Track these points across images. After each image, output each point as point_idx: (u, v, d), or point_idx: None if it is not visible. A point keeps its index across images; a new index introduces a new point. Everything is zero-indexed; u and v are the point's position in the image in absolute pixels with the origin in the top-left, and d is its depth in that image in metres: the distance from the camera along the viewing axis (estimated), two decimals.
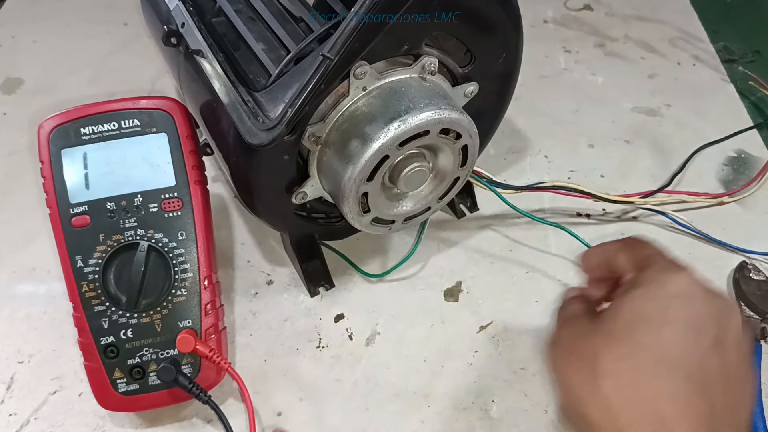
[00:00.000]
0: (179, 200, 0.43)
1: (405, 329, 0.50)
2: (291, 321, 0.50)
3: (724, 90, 0.73)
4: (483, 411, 0.45)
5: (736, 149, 0.65)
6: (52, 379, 0.46)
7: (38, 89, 0.70)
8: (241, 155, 0.41)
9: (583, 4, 0.85)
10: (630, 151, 0.65)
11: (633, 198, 0.56)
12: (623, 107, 0.70)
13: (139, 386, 0.42)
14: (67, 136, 0.42)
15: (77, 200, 0.42)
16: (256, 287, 0.52)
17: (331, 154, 0.41)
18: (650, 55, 0.77)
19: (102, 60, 0.74)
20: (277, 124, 0.36)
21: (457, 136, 0.42)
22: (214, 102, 0.41)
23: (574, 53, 0.77)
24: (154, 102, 0.43)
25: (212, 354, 0.42)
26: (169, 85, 0.69)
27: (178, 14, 0.46)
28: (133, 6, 0.78)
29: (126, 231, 0.42)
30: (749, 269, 0.52)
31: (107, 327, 0.41)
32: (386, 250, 0.55)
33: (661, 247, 0.34)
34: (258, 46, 0.43)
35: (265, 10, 0.44)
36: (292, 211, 0.46)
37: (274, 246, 0.55)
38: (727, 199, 0.59)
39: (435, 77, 0.42)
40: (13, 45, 0.76)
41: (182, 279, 0.42)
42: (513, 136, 0.66)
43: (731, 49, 0.78)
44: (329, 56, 0.36)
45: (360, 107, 0.40)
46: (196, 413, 0.44)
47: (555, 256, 0.55)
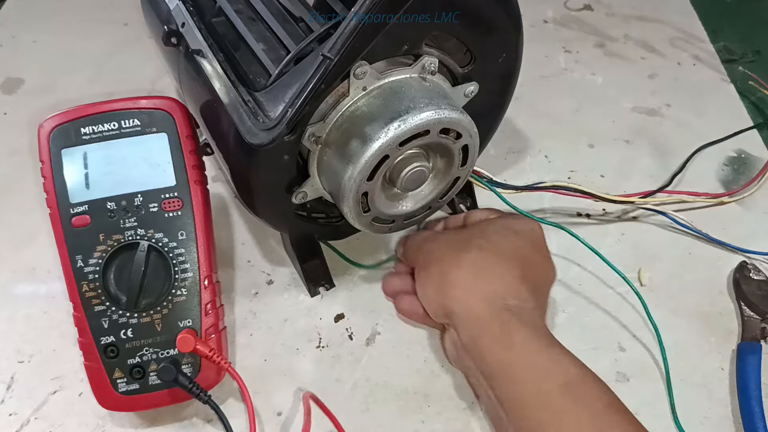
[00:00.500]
0: (179, 200, 0.43)
1: (405, 329, 0.50)
2: (291, 321, 0.50)
3: (724, 90, 0.73)
4: (483, 411, 0.45)
5: (736, 149, 0.65)
6: (52, 378, 0.46)
7: (38, 89, 0.70)
8: (241, 155, 0.41)
9: (583, 4, 0.85)
10: (630, 151, 0.65)
11: (633, 198, 0.56)
12: (623, 107, 0.70)
13: (140, 386, 0.42)
14: (67, 135, 0.42)
15: (77, 200, 0.42)
16: (256, 287, 0.52)
17: (332, 153, 0.41)
18: (650, 55, 0.77)
19: (102, 60, 0.74)
20: (277, 124, 0.36)
21: (457, 136, 0.42)
22: (215, 102, 0.41)
23: (574, 53, 0.77)
24: (154, 102, 0.43)
25: (212, 354, 0.42)
26: (169, 85, 0.69)
27: (178, 14, 0.46)
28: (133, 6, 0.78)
29: (126, 231, 0.42)
30: (749, 269, 0.52)
31: (107, 327, 0.41)
32: (387, 250, 0.55)
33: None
34: (258, 46, 0.43)
35: (265, 10, 0.44)
36: (292, 211, 0.46)
37: (274, 246, 0.55)
38: (727, 199, 0.59)
39: (435, 77, 0.42)
40: (13, 45, 0.76)
41: (182, 279, 0.42)
42: (513, 136, 0.66)
43: (731, 49, 0.78)
44: (329, 56, 0.36)
45: (360, 107, 0.40)
46: (196, 413, 0.44)
47: (555, 256, 0.54)
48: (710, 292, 0.53)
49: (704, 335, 0.50)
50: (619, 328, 0.50)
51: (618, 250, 0.55)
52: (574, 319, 0.51)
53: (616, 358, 0.48)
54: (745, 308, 0.50)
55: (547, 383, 0.37)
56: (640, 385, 0.47)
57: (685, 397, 0.46)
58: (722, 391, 0.47)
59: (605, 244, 0.56)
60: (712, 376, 0.48)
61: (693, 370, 0.48)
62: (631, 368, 0.48)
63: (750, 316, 0.50)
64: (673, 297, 0.52)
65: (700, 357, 0.49)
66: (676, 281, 0.53)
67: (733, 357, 0.48)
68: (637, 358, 0.48)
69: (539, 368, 0.38)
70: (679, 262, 0.55)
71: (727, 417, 0.45)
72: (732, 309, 0.52)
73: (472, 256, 0.42)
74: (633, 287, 0.49)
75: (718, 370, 0.48)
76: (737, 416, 0.45)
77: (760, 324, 0.49)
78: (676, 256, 0.55)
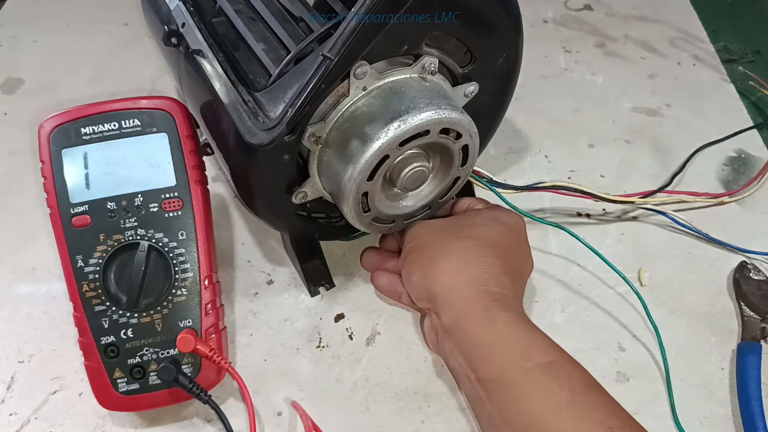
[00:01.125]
0: (179, 200, 0.43)
1: (405, 329, 0.50)
2: (291, 321, 0.50)
3: (724, 90, 0.73)
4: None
5: (736, 149, 0.65)
6: (53, 378, 0.46)
7: (38, 89, 0.70)
8: (241, 155, 0.41)
9: (583, 4, 0.85)
10: (630, 151, 0.65)
11: (633, 198, 0.56)
12: (623, 107, 0.70)
13: (140, 386, 0.42)
14: (67, 136, 0.42)
15: (78, 200, 0.42)
16: (257, 287, 0.52)
17: (332, 153, 0.41)
18: (650, 55, 0.77)
19: (102, 60, 0.74)
20: (277, 124, 0.36)
21: (457, 136, 0.42)
22: (215, 102, 0.41)
23: (574, 53, 0.77)
24: (154, 102, 0.43)
25: (212, 354, 0.42)
26: (169, 85, 0.69)
27: (178, 14, 0.46)
28: (133, 6, 0.78)
29: (126, 231, 0.42)
30: (749, 269, 0.52)
31: (107, 327, 0.41)
32: None
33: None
34: (258, 46, 0.43)
35: (265, 10, 0.44)
36: (292, 211, 0.46)
37: (274, 246, 0.55)
38: (727, 199, 0.59)
39: (435, 77, 0.42)
40: (13, 45, 0.76)
41: (182, 279, 0.42)
42: (513, 136, 0.66)
43: (731, 49, 0.78)
44: (329, 56, 0.36)
45: (360, 107, 0.40)
46: (196, 413, 0.45)
47: (555, 256, 0.55)
48: (710, 292, 0.53)
49: (704, 335, 0.50)
50: (619, 328, 0.50)
51: (618, 250, 0.55)
52: (574, 319, 0.51)
53: (616, 358, 0.48)
54: (745, 308, 0.50)
55: (528, 362, 0.37)
56: (640, 385, 0.47)
57: (685, 396, 0.46)
58: (722, 391, 0.47)
59: (605, 244, 0.56)
60: (712, 376, 0.48)
61: (693, 370, 0.48)
62: (631, 368, 0.48)
63: (750, 316, 0.50)
64: (673, 297, 0.52)
65: (700, 357, 0.49)
66: (676, 281, 0.53)
67: (733, 357, 0.48)
68: (637, 358, 0.48)
69: (521, 348, 0.39)
70: (679, 262, 0.55)
71: (727, 417, 0.45)
72: (732, 309, 0.52)
73: (459, 245, 0.43)
74: (633, 287, 0.49)
75: (718, 370, 0.48)
76: (737, 416, 0.45)
77: (760, 324, 0.49)
78: (676, 256, 0.55)
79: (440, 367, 0.47)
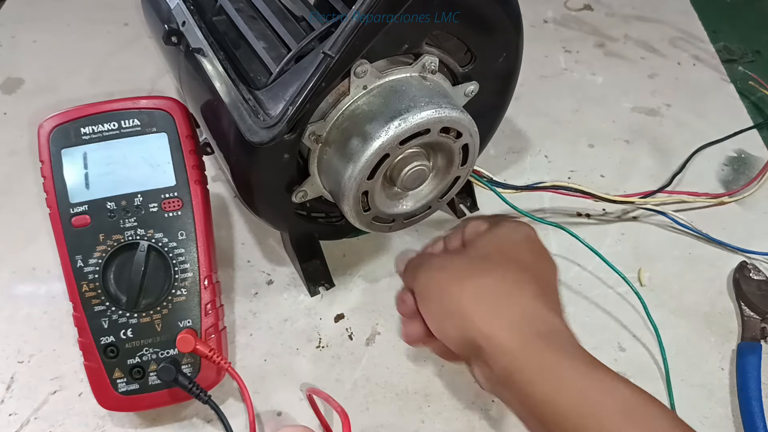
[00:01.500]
0: (179, 200, 0.43)
1: None
2: (291, 321, 0.50)
3: (724, 90, 0.73)
4: (483, 411, 0.45)
5: (736, 149, 0.65)
6: (52, 379, 0.46)
7: (38, 89, 0.70)
8: (241, 154, 0.41)
9: (583, 4, 0.85)
10: (630, 151, 0.65)
11: (633, 198, 0.56)
12: (623, 107, 0.70)
13: (139, 386, 0.42)
14: (67, 135, 0.42)
15: (77, 200, 0.42)
16: (256, 287, 0.52)
17: (332, 152, 0.41)
18: (650, 55, 0.77)
19: (102, 60, 0.74)
20: (277, 122, 0.36)
21: (457, 135, 0.42)
22: (215, 100, 0.41)
23: (574, 53, 0.77)
24: (154, 102, 0.43)
25: (212, 354, 0.41)
26: (169, 84, 0.69)
27: (178, 13, 0.46)
28: (133, 6, 0.78)
29: (126, 231, 0.42)
30: (749, 269, 0.52)
31: (107, 327, 0.41)
32: (387, 250, 0.55)
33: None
34: (259, 45, 0.43)
35: (265, 9, 0.44)
36: (292, 210, 0.46)
37: (274, 246, 0.55)
38: (727, 199, 0.59)
39: (435, 76, 0.42)
40: (13, 45, 0.76)
41: (182, 279, 0.42)
42: (513, 136, 0.66)
43: (731, 49, 0.78)
44: (330, 54, 0.36)
45: (360, 106, 0.40)
46: (196, 413, 0.44)
47: (555, 256, 0.54)
48: (710, 292, 0.53)
49: (704, 335, 0.50)
50: (619, 328, 0.50)
51: (618, 250, 0.55)
52: (574, 319, 0.50)
53: (616, 358, 0.48)
54: (745, 308, 0.50)
55: (602, 411, 0.35)
56: (639, 384, 0.46)
57: (685, 396, 0.46)
58: (722, 391, 0.47)
59: (605, 244, 0.56)
60: (712, 376, 0.47)
61: (693, 370, 0.48)
62: (631, 368, 0.47)
63: (750, 316, 0.50)
64: (673, 297, 0.52)
65: (700, 357, 0.49)
66: (676, 281, 0.53)
67: (733, 357, 0.48)
68: (637, 358, 0.48)
69: (591, 397, 0.35)
70: (679, 262, 0.55)
71: (727, 417, 0.45)
72: (732, 309, 0.52)
73: (483, 282, 0.39)
74: (633, 287, 0.49)
75: (718, 370, 0.48)
76: (737, 416, 0.45)
77: (760, 324, 0.49)
78: (676, 256, 0.55)
79: (440, 367, 0.47)
